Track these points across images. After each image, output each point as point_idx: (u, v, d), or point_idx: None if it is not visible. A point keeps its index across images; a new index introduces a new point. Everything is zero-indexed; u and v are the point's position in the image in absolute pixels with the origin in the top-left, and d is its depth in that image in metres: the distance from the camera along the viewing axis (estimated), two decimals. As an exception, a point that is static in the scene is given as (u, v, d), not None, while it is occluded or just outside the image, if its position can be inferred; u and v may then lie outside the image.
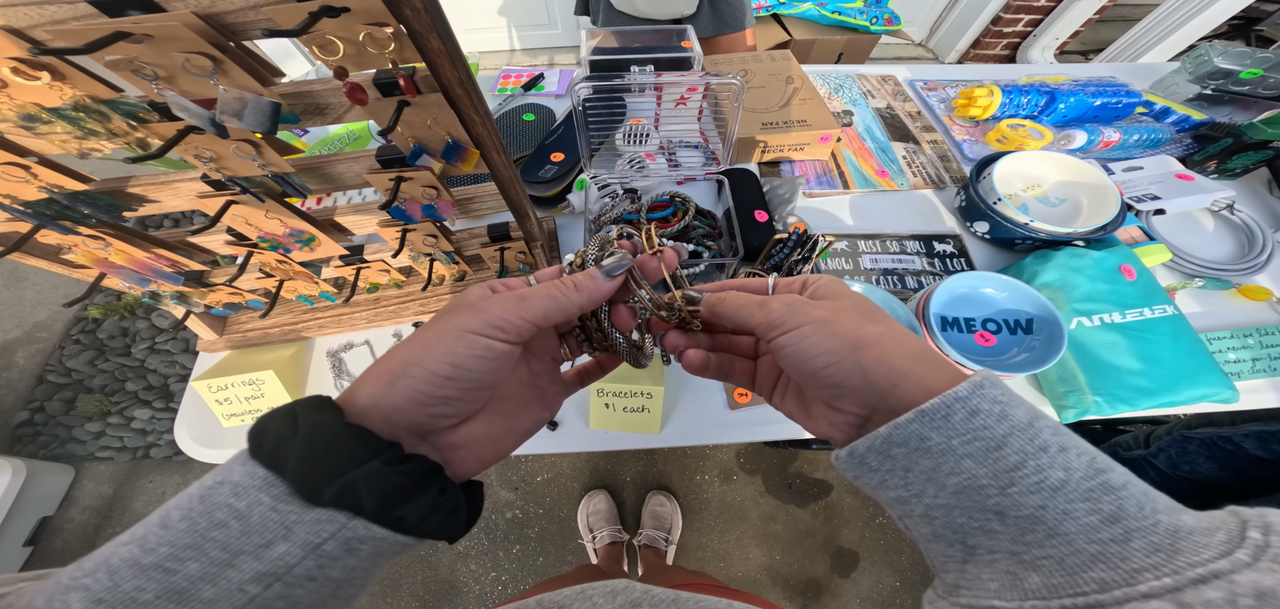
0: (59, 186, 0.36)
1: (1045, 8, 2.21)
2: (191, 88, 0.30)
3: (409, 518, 0.20)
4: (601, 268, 0.26)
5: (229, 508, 0.17)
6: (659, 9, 1.03)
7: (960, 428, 0.18)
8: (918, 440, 0.19)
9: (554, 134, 0.83)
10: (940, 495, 0.19)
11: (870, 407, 0.22)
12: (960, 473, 0.18)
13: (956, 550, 0.19)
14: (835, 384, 0.22)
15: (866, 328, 0.22)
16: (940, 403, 0.19)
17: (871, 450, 0.21)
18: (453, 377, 0.21)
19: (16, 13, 0.26)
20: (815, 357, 0.22)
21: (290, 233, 0.46)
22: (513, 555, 1.29)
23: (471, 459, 0.24)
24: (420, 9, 0.30)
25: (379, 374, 0.21)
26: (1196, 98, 0.94)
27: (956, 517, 0.19)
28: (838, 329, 0.22)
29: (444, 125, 0.39)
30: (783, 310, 0.23)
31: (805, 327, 0.22)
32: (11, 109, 0.30)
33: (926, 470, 0.19)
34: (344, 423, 0.19)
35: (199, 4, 0.27)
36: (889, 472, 0.21)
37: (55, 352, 1.48)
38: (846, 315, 0.22)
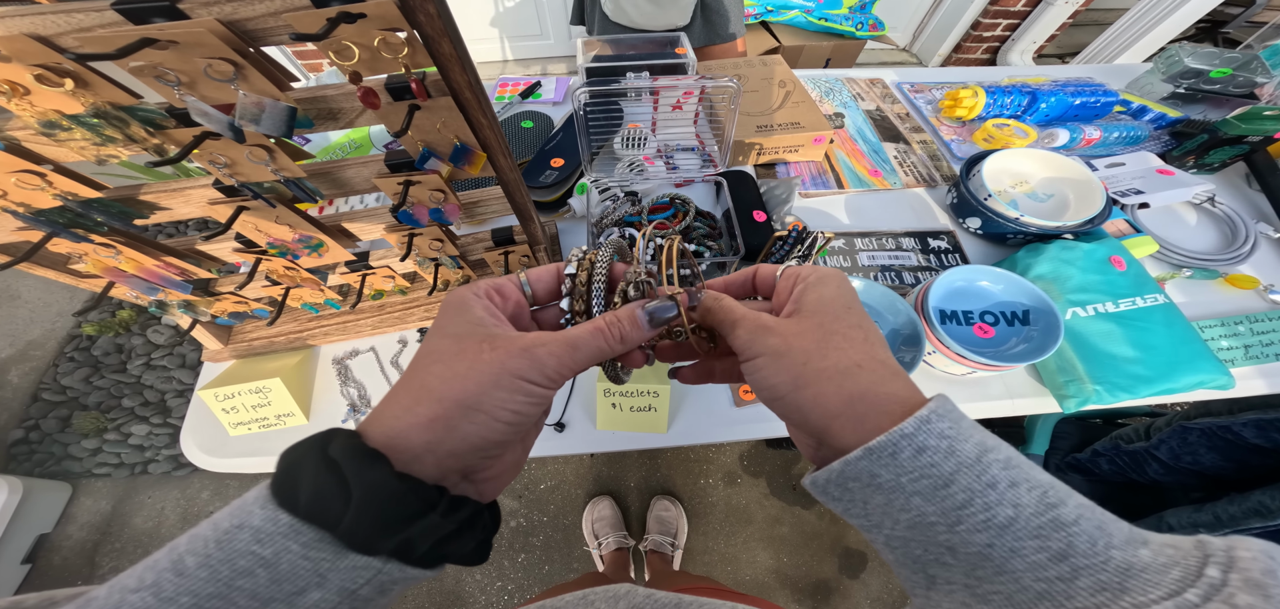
0: (73, 194, 0.37)
1: (1022, 12, 2.29)
2: (211, 93, 0.31)
3: (453, 556, 0.20)
4: (647, 312, 0.24)
5: (254, 555, 0.16)
6: (653, 20, 1.06)
7: (907, 466, 0.18)
8: (868, 477, 0.19)
9: (553, 140, 0.84)
10: (897, 528, 0.19)
11: (818, 437, 0.22)
12: (911, 509, 0.18)
13: (920, 578, 0.20)
14: (786, 416, 0.23)
15: (811, 363, 0.21)
16: (886, 440, 0.18)
17: (831, 483, 0.21)
18: (514, 423, 0.21)
19: (44, 21, 0.27)
20: (765, 389, 0.22)
21: (299, 238, 0.47)
22: (518, 564, 1.28)
23: (498, 486, 0.24)
24: (434, 14, 0.31)
25: (430, 416, 0.20)
26: (1170, 96, 0.98)
27: (914, 549, 0.19)
28: (785, 364, 0.21)
29: (452, 129, 0.40)
30: (747, 337, 0.23)
31: (760, 357, 0.22)
32: (33, 116, 0.31)
33: (881, 505, 0.19)
34: (397, 477, 0.18)
35: (222, 11, 0.28)
36: (850, 502, 0.21)
37: (50, 369, 1.46)
38: (804, 340, 0.22)
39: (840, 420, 0.20)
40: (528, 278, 0.27)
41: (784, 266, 0.27)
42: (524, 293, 0.27)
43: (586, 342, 0.23)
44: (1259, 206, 0.80)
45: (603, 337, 0.23)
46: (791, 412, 0.22)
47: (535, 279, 0.27)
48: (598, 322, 0.23)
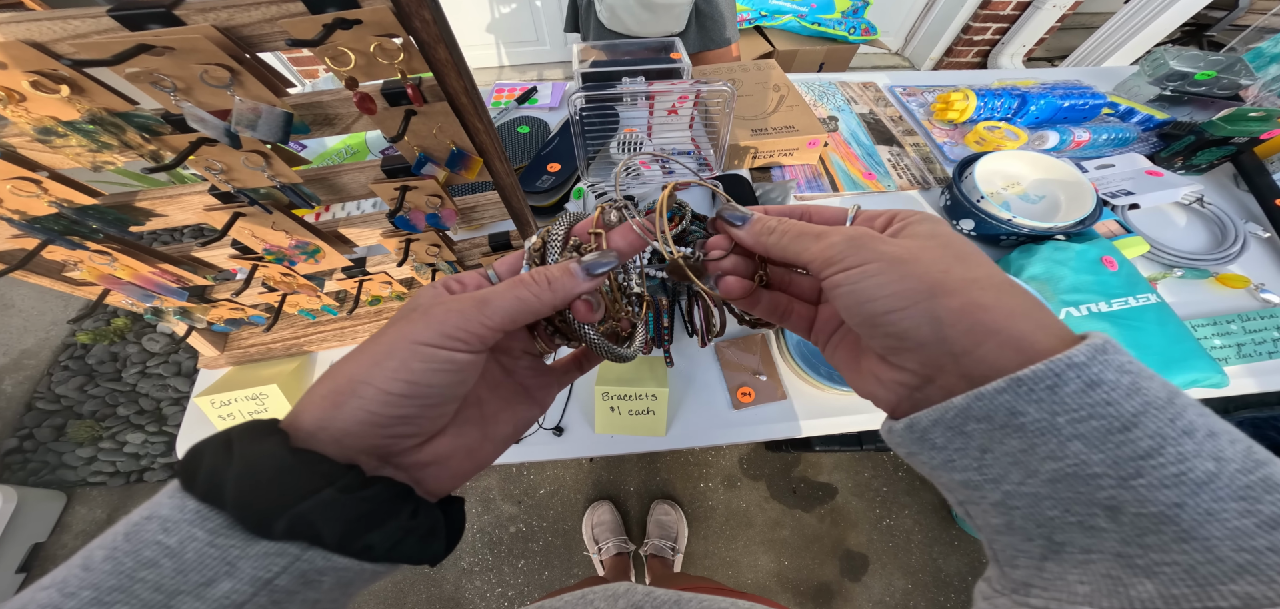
0: (69, 201, 0.37)
1: (1011, 17, 2.32)
2: (208, 99, 0.31)
3: (379, 546, 0.18)
4: (583, 263, 0.22)
5: (159, 545, 0.15)
6: (648, 27, 1.06)
7: (1071, 402, 0.15)
8: (1007, 415, 0.16)
9: (549, 145, 0.84)
10: (1028, 483, 0.16)
11: (934, 367, 0.18)
12: (1063, 457, 0.15)
13: (1035, 545, 0.16)
14: (897, 334, 0.18)
15: (953, 271, 0.18)
16: (1046, 369, 0.15)
17: (938, 425, 0.18)
18: (409, 395, 0.18)
19: (40, 27, 0.27)
20: (876, 300, 0.18)
21: (296, 244, 0.47)
22: (518, 570, 1.27)
23: (446, 475, 0.22)
24: (429, 20, 0.31)
25: (325, 394, 0.19)
26: (1157, 98, 0.99)
27: (1046, 509, 0.16)
28: (913, 270, 0.18)
29: (449, 133, 0.40)
30: (844, 244, 0.19)
31: (870, 264, 0.19)
32: (29, 122, 0.31)
33: (1013, 453, 0.16)
34: (289, 449, 0.17)
35: (218, 17, 0.28)
36: (959, 451, 0.17)
37: (44, 379, 1.45)
38: (930, 254, 0.18)
39: (998, 338, 0.16)
40: (495, 268, 0.26)
41: (855, 207, 0.24)
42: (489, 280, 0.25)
43: (500, 295, 0.20)
44: (1247, 206, 0.81)
45: (523, 287, 0.21)
46: (916, 325, 0.17)
47: (502, 268, 0.26)
48: (519, 275, 0.22)
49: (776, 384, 0.61)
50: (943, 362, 0.17)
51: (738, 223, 0.24)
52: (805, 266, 0.22)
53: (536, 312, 0.21)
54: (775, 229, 0.23)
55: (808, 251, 0.21)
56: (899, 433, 0.19)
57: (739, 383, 0.61)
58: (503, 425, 0.24)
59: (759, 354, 0.63)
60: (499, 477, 1.39)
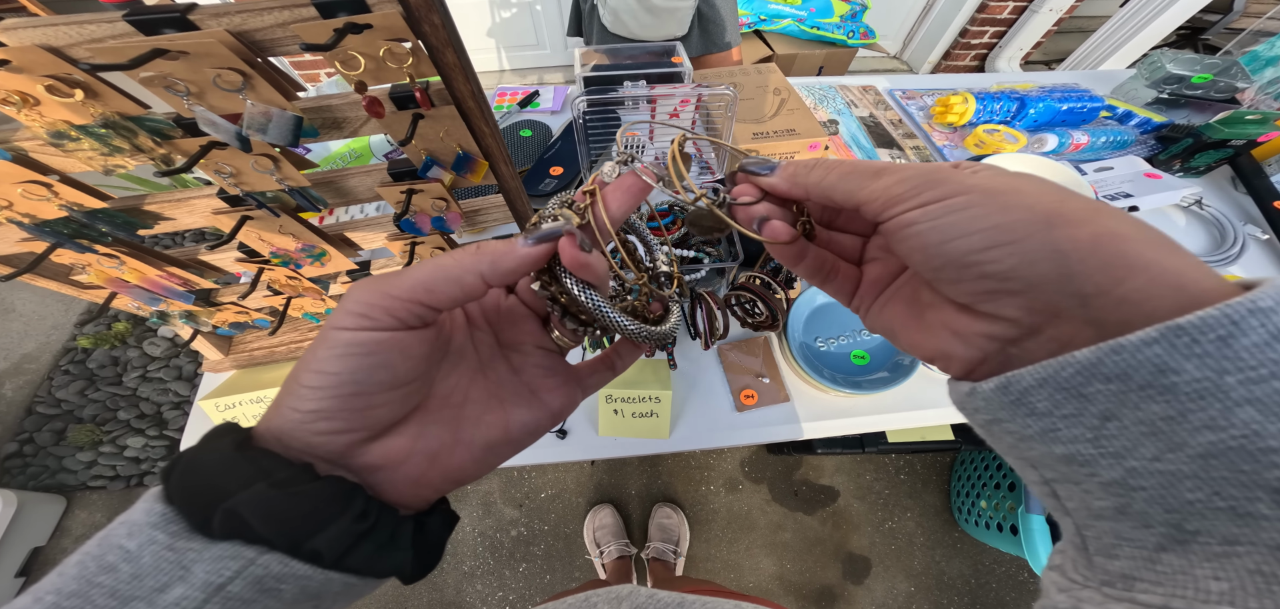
0: (79, 204, 0.37)
1: (1008, 20, 2.34)
2: (219, 103, 0.32)
3: (326, 551, 0.16)
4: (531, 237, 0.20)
5: (120, 549, 0.15)
6: (651, 31, 1.07)
7: (1249, 358, 0.11)
8: (1153, 373, 0.12)
9: (552, 149, 0.85)
10: (1166, 458, 0.13)
11: (1047, 313, 0.15)
12: (1227, 427, 0.12)
13: (1153, 534, 0.14)
14: (998, 274, 0.15)
15: (1070, 201, 0.14)
16: (1218, 315, 0.12)
17: (1047, 385, 0.14)
18: (318, 386, 0.17)
19: (57, 32, 0.27)
20: (971, 234, 0.15)
21: (302, 248, 0.47)
22: (519, 574, 1.27)
23: (403, 481, 0.19)
24: (438, 25, 0.32)
25: (274, 400, 0.18)
26: (1154, 101, 1.00)
27: (1185, 491, 0.13)
28: (1020, 200, 0.15)
29: (455, 137, 0.40)
30: (916, 178, 0.17)
31: (957, 197, 0.16)
32: (42, 127, 0.31)
33: (1150, 421, 0.13)
34: (236, 443, 0.17)
35: (232, 22, 0.29)
36: (1069, 418, 0.14)
37: (44, 383, 1.45)
38: (1030, 185, 0.15)
39: (1139, 278, 0.13)
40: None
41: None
42: None
43: (417, 265, 0.19)
44: (1245, 209, 0.81)
45: (446, 254, 0.19)
46: (1029, 260, 0.14)
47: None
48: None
49: (779, 386, 0.61)
50: (1062, 305, 0.14)
51: (764, 172, 0.21)
52: (859, 207, 0.18)
53: (461, 281, 0.18)
54: (817, 166, 0.20)
55: (864, 190, 0.18)
56: (986, 396, 0.16)
57: (742, 385, 0.61)
58: (485, 429, 0.21)
59: (762, 356, 0.63)
60: (500, 480, 1.38)
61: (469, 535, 1.31)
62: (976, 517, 1.20)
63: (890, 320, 0.21)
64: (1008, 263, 0.15)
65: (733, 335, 0.66)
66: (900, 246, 0.17)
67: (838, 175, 0.19)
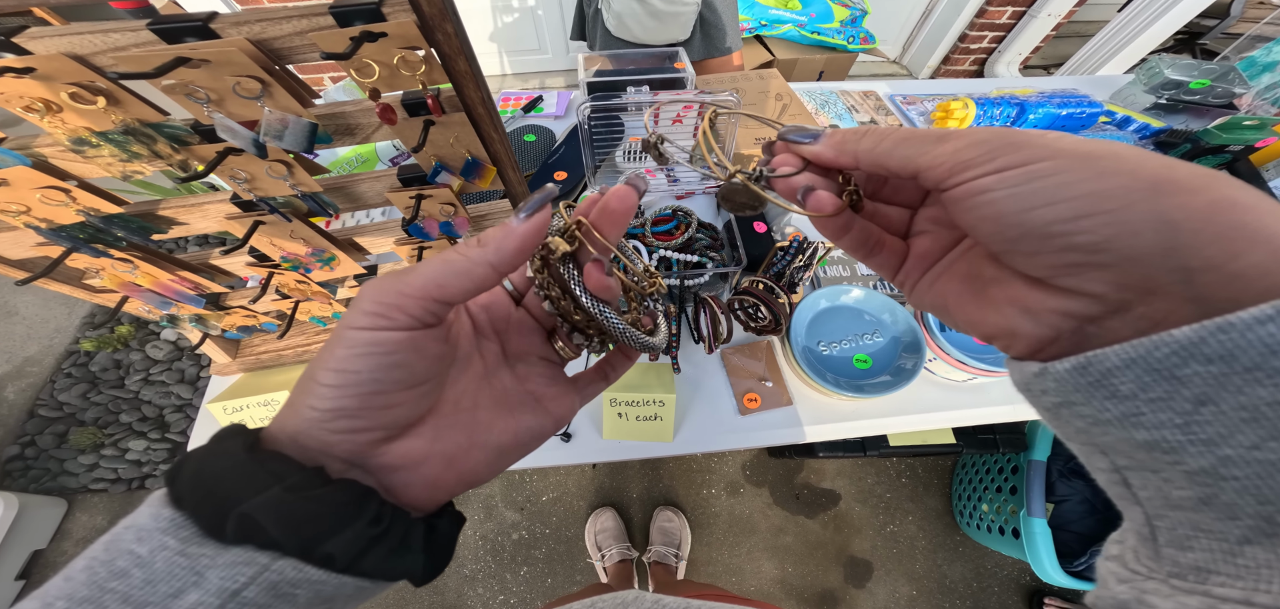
0: (96, 210, 0.38)
1: (1007, 25, 2.36)
2: (237, 110, 0.32)
3: (340, 554, 0.16)
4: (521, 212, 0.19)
5: (131, 555, 0.15)
6: (655, 35, 1.08)
7: None
8: (1262, 354, 0.11)
9: (556, 153, 0.86)
10: (1266, 447, 0.12)
11: (1142, 288, 0.13)
12: None
13: (1239, 526, 0.13)
14: (1090, 246, 0.13)
15: (1178, 169, 0.13)
16: None
17: (1135, 365, 0.13)
18: (339, 385, 0.17)
19: (81, 40, 0.28)
20: (1060, 203, 0.13)
21: (312, 252, 0.47)
22: (521, 577, 1.27)
23: (420, 483, 0.20)
24: (451, 33, 0.32)
25: (292, 395, 0.18)
26: (1153, 107, 1.01)
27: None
28: (1118, 167, 0.13)
29: (465, 143, 0.41)
30: (992, 140, 0.15)
31: (1043, 162, 0.14)
32: (64, 133, 0.32)
33: (1254, 406, 0.12)
34: (247, 447, 0.17)
35: (252, 30, 0.29)
36: (1157, 403, 0.13)
37: (46, 385, 1.45)
38: (1123, 150, 0.14)
39: (1260, 251, 0.12)
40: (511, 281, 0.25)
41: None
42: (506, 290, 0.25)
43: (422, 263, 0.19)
44: (1243, 213, 0.82)
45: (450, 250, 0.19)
46: (1132, 232, 0.13)
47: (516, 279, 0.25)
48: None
49: (782, 390, 0.62)
50: (1160, 280, 0.13)
51: (806, 140, 0.20)
52: (918, 175, 0.17)
53: (471, 274, 0.18)
54: (869, 134, 0.18)
55: (925, 156, 0.16)
56: (1059, 376, 0.15)
57: (745, 389, 0.62)
58: (498, 434, 0.22)
59: (765, 360, 0.64)
60: (501, 483, 1.39)
61: (470, 538, 1.31)
62: (978, 520, 1.20)
63: (942, 295, 0.20)
64: (1103, 233, 0.13)
65: (736, 339, 0.66)
66: (967, 216, 0.16)
67: (893, 141, 0.18)
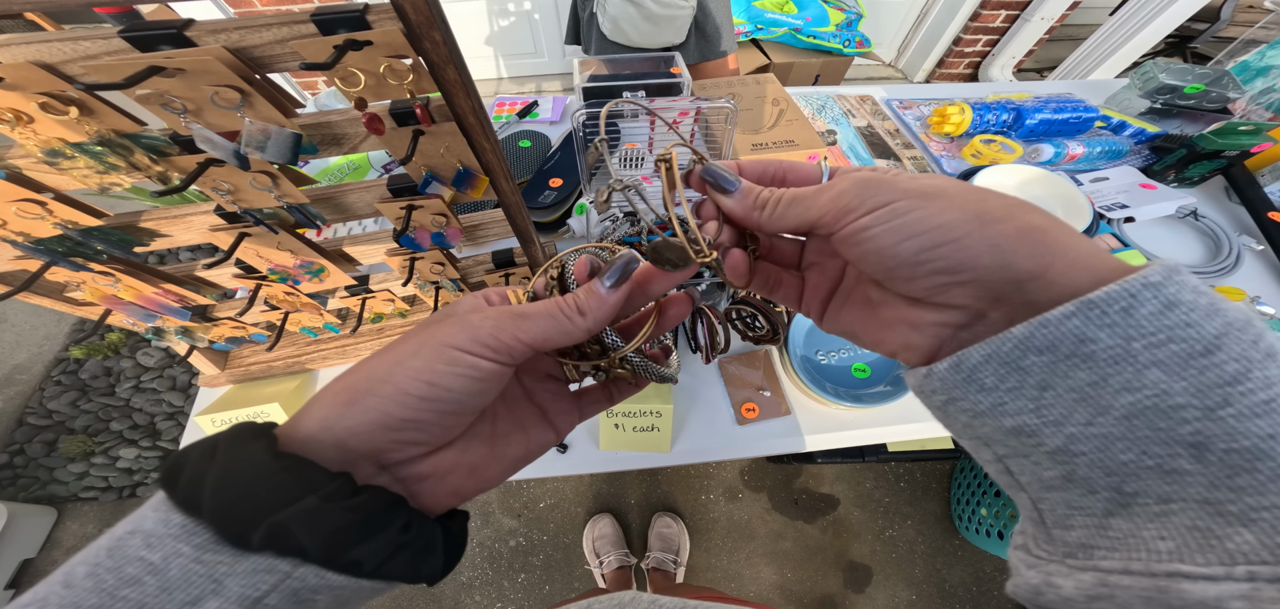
0: (74, 222, 0.37)
1: (1001, 29, 2.37)
2: (217, 120, 0.31)
3: (367, 561, 0.17)
4: (603, 276, 0.21)
5: (142, 561, 0.15)
6: (650, 38, 1.07)
7: (1148, 325, 0.13)
8: (1074, 343, 0.14)
9: (551, 160, 0.85)
10: (1096, 422, 0.14)
11: (992, 298, 0.16)
12: (1140, 388, 0.13)
13: (1098, 500, 0.15)
14: (948, 269, 0.16)
15: (988, 200, 0.16)
16: (1120, 290, 0.13)
17: (991, 360, 0.16)
18: (429, 397, 0.18)
19: (51, 48, 0.27)
20: (919, 235, 0.16)
21: (301, 264, 0.46)
22: (518, 584, 1.26)
23: (445, 491, 0.21)
24: (440, 42, 0.32)
25: (339, 392, 0.18)
26: (1148, 111, 1.01)
27: (1118, 452, 0.14)
28: (952, 202, 0.16)
29: (456, 153, 0.40)
30: (855, 189, 0.18)
31: (900, 202, 0.17)
32: (36, 144, 0.30)
33: (1079, 388, 0.14)
34: (273, 453, 0.16)
35: (229, 38, 0.28)
36: (1012, 391, 0.15)
37: (35, 393, 1.43)
38: (952, 186, 0.17)
39: (1067, 257, 0.15)
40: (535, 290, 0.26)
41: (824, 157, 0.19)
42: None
43: (537, 313, 0.20)
44: (1240, 219, 0.82)
45: (559, 311, 0.20)
46: (971, 255, 0.16)
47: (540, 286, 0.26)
48: (556, 297, 0.21)
49: (780, 399, 0.61)
50: (1004, 290, 0.16)
51: (729, 189, 0.22)
52: (810, 229, 0.20)
53: (569, 337, 0.20)
54: (768, 202, 0.21)
55: (812, 211, 0.19)
56: (941, 375, 0.17)
57: (743, 398, 0.61)
58: (514, 446, 0.24)
59: (762, 369, 0.63)
60: (498, 490, 1.37)
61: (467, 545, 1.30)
62: (977, 524, 1.20)
63: (848, 323, 0.23)
64: (955, 258, 0.16)
65: (734, 349, 0.65)
66: (853, 251, 0.19)
67: (785, 206, 0.20)
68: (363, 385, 0.18)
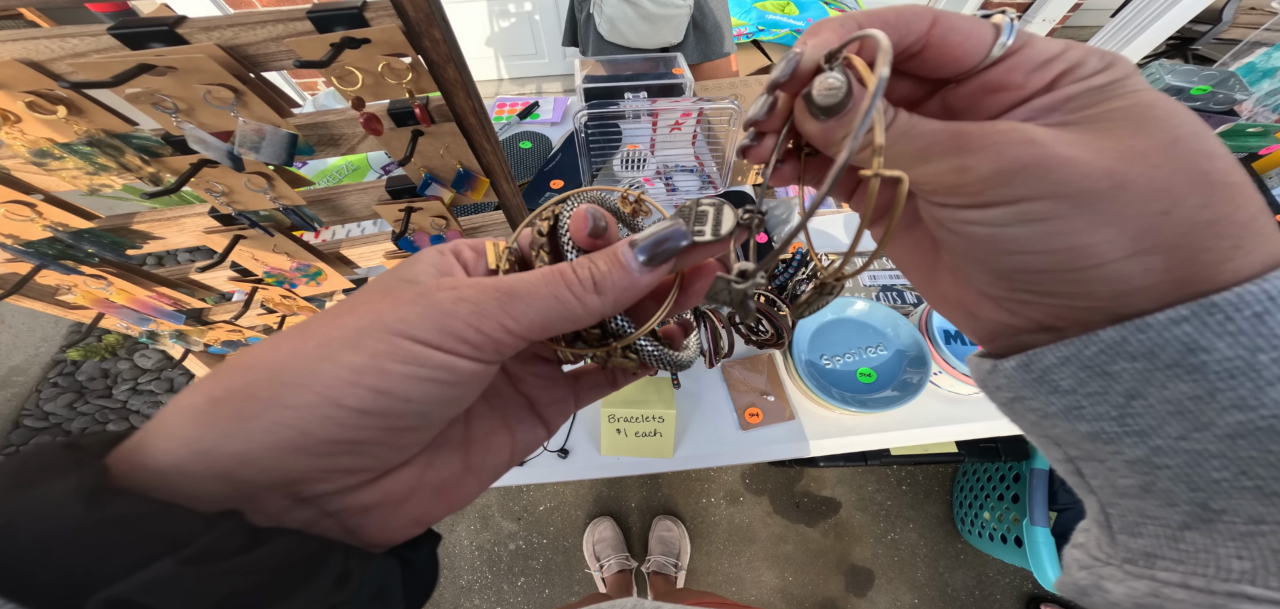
0: (64, 225, 0.36)
1: (1001, 29, 2.36)
2: (210, 120, 0.30)
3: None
4: (638, 246, 0.15)
5: None
6: (648, 38, 1.07)
7: None
8: (1181, 352, 0.12)
9: (552, 161, 0.84)
10: (1193, 438, 0.12)
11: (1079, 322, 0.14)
12: (1257, 408, 0.11)
13: (1178, 512, 0.13)
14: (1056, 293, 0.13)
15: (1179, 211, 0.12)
16: (1254, 292, 0.11)
17: (1069, 363, 0.13)
18: (373, 410, 0.13)
19: (37, 45, 0.26)
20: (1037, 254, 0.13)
21: (297, 267, 0.46)
22: (518, 589, 1.25)
23: (401, 521, 0.16)
24: (439, 40, 0.31)
25: (216, 396, 0.12)
26: (1156, 114, 1.00)
27: (1211, 470, 0.12)
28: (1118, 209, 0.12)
29: (456, 154, 0.39)
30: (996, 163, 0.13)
31: (1043, 203, 0.12)
32: (24, 145, 0.30)
33: (1177, 400, 0.12)
34: (86, 499, 0.10)
35: (222, 36, 0.27)
36: (1094, 397, 0.13)
37: (32, 396, 1.42)
38: (1155, 170, 0.12)
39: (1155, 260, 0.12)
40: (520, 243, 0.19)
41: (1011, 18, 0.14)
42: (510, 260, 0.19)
43: (533, 290, 0.14)
44: (1249, 220, 0.81)
45: (563, 286, 0.15)
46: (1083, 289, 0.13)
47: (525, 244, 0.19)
48: (560, 264, 0.15)
49: (784, 404, 0.60)
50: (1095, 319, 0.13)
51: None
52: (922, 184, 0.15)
53: (577, 321, 0.15)
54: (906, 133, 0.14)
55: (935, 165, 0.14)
56: (1008, 373, 0.15)
57: (747, 403, 0.60)
58: (495, 452, 0.18)
59: (766, 374, 0.62)
60: (498, 493, 1.36)
61: (466, 549, 1.29)
62: (980, 528, 1.19)
63: (900, 254, 0.19)
64: (1078, 286, 0.13)
65: (737, 353, 0.65)
66: (944, 235, 0.15)
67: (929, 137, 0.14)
68: (262, 388, 0.12)
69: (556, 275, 0.15)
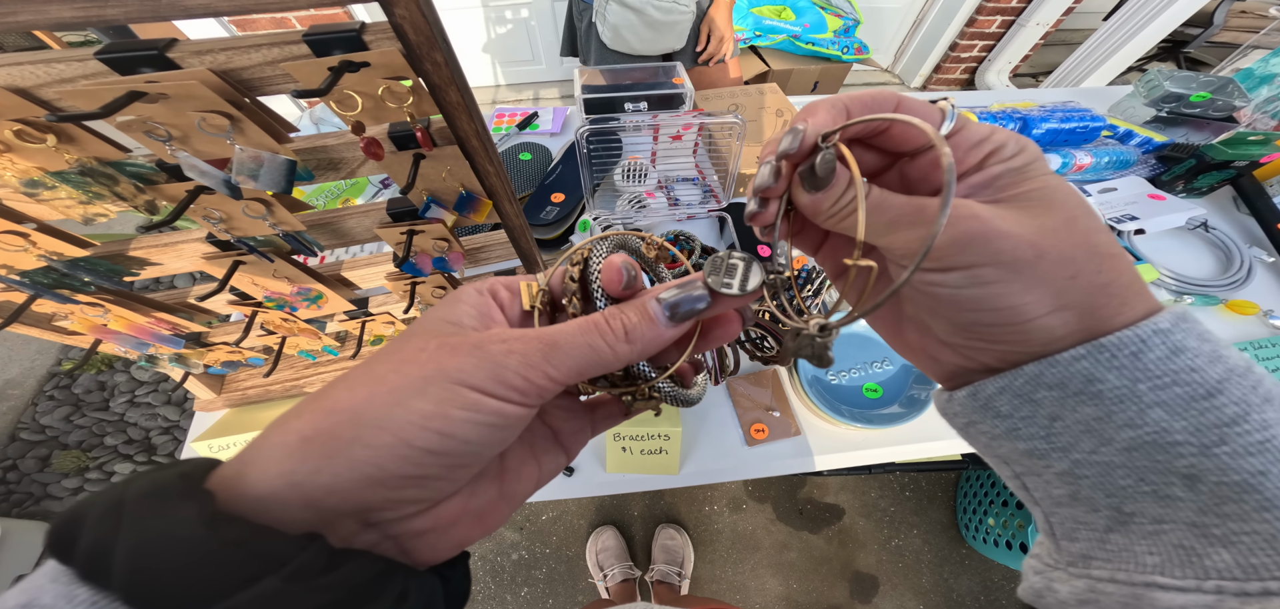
0: (58, 254, 0.35)
1: (996, 34, 2.37)
2: (205, 147, 0.30)
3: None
4: (664, 303, 0.18)
5: None
6: (651, 45, 1.06)
7: (1155, 368, 0.14)
8: (1083, 382, 0.15)
9: (552, 173, 0.83)
10: (1100, 452, 0.16)
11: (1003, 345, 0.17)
12: (1142, 426, 0.15)
13: (1100, 517, 0.16)
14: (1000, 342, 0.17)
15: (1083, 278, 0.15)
16: (1130, 336, 0.14)
17: (1005, 393, 0.17)
18: (438, 450, 0.15)
19: (22, 71, 0.25)
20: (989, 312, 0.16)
21: (298, 291, 0.45)
22: (521, 599, 1.24)
23: (445, 545, 0.18)
24: (441, 63, 0.30)
25: (307, 434, 0.14)
26: (1153, 120, 0.99)
27: (1118, 478, 0.15)
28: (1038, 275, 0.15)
29: (458, 177, 0.39)
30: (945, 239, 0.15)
31: (987, 267, 0.15)
32: (14, 174, 0.29)
33: (1085, 421, 0.15)
34: (209, 522, 0.12)
35: (215, 60, 0.27)
36: (1026, 419, 0.17)
37: (28, 409, 1.41)
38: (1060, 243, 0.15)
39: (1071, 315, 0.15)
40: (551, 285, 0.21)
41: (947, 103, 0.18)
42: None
43: (572, 341, 0.16)
44: (1250, 230, 0.81)
45: (597, 335, 0.17)
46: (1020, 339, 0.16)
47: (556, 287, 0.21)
48: (594, 316, 0.17)
49: (790, 420, 0.59)
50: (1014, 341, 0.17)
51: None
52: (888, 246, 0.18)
53: (608, 367, 0.17)
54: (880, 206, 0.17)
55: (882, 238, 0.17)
56: (960, 402, 0.18)
57: (752, 419, 0.59)
58: (525, 481, 0.20)
59: (772, 389, 0.62)
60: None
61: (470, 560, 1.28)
62: (984, 534, 1.18)
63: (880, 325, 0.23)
64: (1015, 338, 0.16)
65: (742, 369, 0.64)
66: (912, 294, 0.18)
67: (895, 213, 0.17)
68: (344, 428, 0.14)
69: (592, 327, 0.17)
